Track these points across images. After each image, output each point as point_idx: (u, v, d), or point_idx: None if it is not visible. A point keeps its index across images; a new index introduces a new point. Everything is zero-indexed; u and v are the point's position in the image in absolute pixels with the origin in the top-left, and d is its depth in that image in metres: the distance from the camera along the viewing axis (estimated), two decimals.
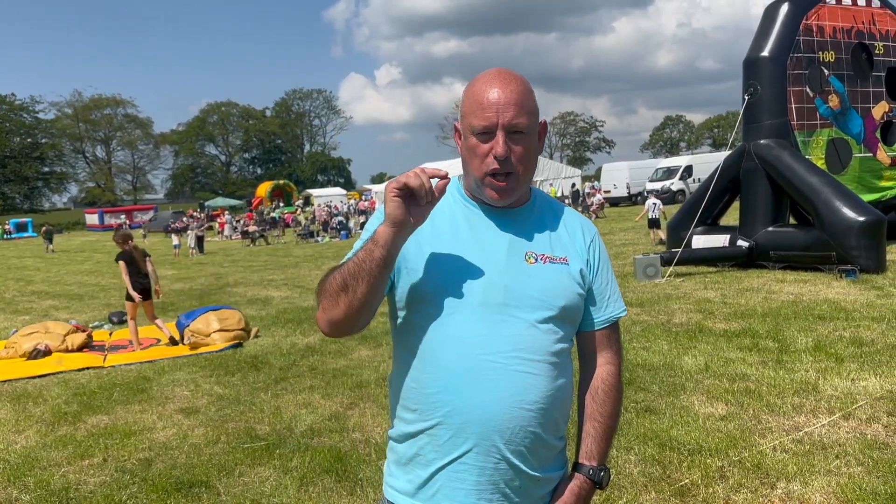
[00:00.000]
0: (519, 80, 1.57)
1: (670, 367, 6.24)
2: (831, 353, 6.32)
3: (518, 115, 1.53)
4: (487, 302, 1.55)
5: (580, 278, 1.65)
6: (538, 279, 1.59)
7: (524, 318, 1.56)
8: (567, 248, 1.67)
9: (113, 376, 7.54)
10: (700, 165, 36.77)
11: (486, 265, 1.58)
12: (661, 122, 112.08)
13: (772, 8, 12.09)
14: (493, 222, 1.64)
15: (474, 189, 1.63)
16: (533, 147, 1.59)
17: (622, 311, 1.76)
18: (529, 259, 1.61)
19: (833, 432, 4.54)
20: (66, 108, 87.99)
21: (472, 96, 1.57)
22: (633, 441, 4.58)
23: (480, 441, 1.52)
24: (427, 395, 1.56)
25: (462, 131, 1.62)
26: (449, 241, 1.60)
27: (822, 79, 11.98)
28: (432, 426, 1.56)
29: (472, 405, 1.52)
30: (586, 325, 1.71)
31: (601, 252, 1.74)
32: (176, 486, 4.42)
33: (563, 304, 1.60)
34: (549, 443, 1.61)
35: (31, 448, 5.39)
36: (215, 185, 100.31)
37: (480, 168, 1.56)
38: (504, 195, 1.58)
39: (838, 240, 10.44)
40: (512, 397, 1.53)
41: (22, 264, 27.01)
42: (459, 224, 1.63)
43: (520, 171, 1.57)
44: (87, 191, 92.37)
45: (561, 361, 1.61)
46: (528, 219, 1.67)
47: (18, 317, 12.74)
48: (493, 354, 1.53)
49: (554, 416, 1.60)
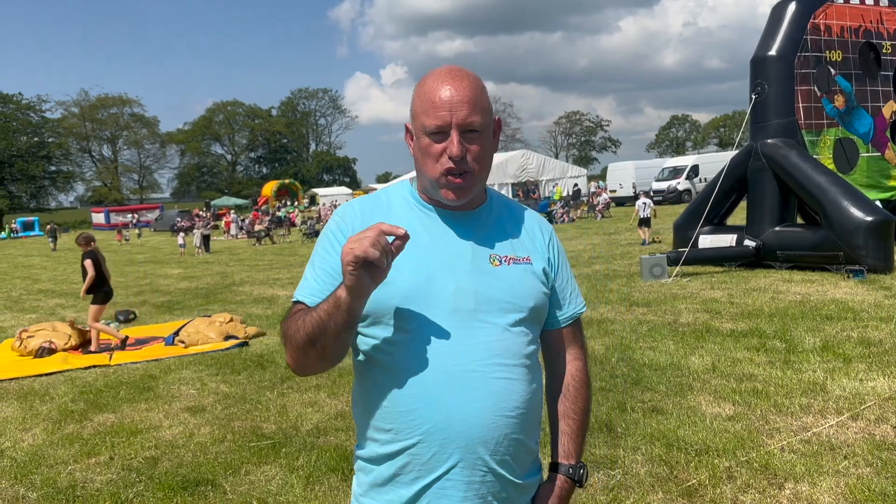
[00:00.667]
0: (471, 78, 1.52)
1: (677, 367, 6.22)
2: (839, 354, 6.29)
3: (472, 113, 1.48)
4: (458, 309, 1.49)
5: (544, 277, 1.63)
6: (505, 281, 1.55)
7: (497, 323, 1.52)
8: (528, 247, 1.64)
9: (119, 375, 7.55)
10: (706, 165, 36.66)
11: (453, 271, 1.52)
12: (668, 122, 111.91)
13: (779, 7, 12.05)
14: (452, 226, 1.58)
15: (429, 191, 1.57)
16: (488, 145, 1.55)
17: (583, 306, 1.76)
18: (494, 261, 1.57)
19: (841, 433, 4.52)
20: (73, 108, 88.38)
21: (424, 95, 1.51)
22: (640, 441, 4.57)
23: (466, 455, 1.47)
24: (404, 413, 1.48)
25: (414, 132, 1.56)
26: (410, 249, 1.49)
27: (829, 78, 11.93)
28: (413, 444, 1.48)
29: (454, 418, 1.46)
30: (551, 324, 1.69)
31: (559, 250, 1.73)
32: (182, 484, 4.42)
33: (532, 305, 1.57)
34: (529, 448, 1.58)
35: (37, 446, 5.40)
36: (221, 184, 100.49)
37: (435, 169, 1.50)
38: (461, 194, 1.52)
39: (846, 239, 10.40)
40: (494, 405, 1.48)
41: (29, 263, 27.10)
42: (418, 231, 1.56)
43: (475, 171, 1.52)
44: (94, 190, 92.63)
45: (533, 364, 1.58)
46: (487, 220, 1.63)
47: (25, 315, 12.78)
48: (471, 363, 1.47)
49: (532, 420, 1.58)
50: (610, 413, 5.13)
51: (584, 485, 1.68)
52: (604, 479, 4.07)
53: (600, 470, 4.20)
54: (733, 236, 12.23)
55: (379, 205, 1.64)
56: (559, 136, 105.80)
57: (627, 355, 6.75)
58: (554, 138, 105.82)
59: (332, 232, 1.61)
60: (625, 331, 7.83)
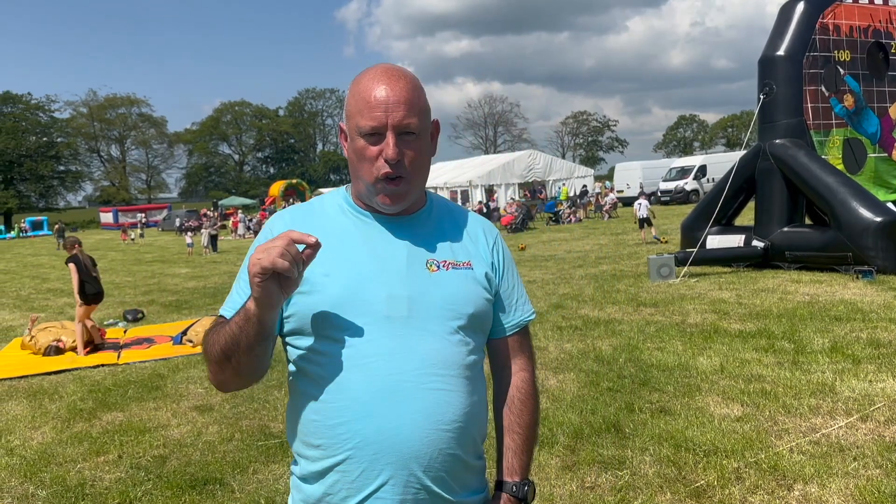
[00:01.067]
0: (408, 78, 1.46)
1: (685, 368, 6.21)
2: (848, 355, 6.27)
3: (409, 114, 1.41)
4: (391, 316, 1.42)
5: (486, 282, 1.55)
6: (442, 287, 1.48)
7: (432, 331, 1.44)
8: (470, 252, 1.57)
9: (127, 373, 7.58)
10: (714, 165, 36.54)
11: (386, 277, 1.45)
12: (675, 122, 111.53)
13: (788, 6, 12.00)
14: (388, 231, 1.52)
15: (364, 196, 1.51)
16: (426, 149, 1.49)
17: (531, 314, 1.68)
18: (431, 267, 1.50)
19: (851, 434, 4.50)
20: (82, 108, 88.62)
21: (359, 94, 1.44)
22: (649, 442, 4.56)
23: (397, 472, 1.39)
24: (332, 427, 1.41)
25: (348, 133, 1.49)
26: (342, 257, 1.47)
27: (837, 78, 11.88)
28: (341, 461, 1.40)
29: (385, 432, 1.38)
30: (496, 332, 1.62)
31: (505, 254, 1.65)
32: (190, 483, 4.44)
33: (472, 312, 1.50)
34: (469, 464, 1.50)
35: (47, 444, 5.43)
36: (229, 184, 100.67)
37: (371, 172, 1.44)
38: (397, 200, 1.46)
39: (855, 240, 10.36)
40: (427, 418, 1.40)
41: (38, 262, 27.21)
42: (351, 237, 1.50)
43: (412, 175, 1.46)
44: (102, 189, 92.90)
45: (474, 375, 1.51)
46: (426, 224, 1.56)
47: (34, 314, 12.82)
48: (404, 373, 1.40)
49: (472, 435, 1.49)
50: (618, 413, 5.12)
51: (530, 502, 1.59)
52: (612, 480, 4.07)
53: (608, 470, 4.19)
54: (741, 237, 12.19)
55: (312, 213, 1.58)
56: (566, 137, 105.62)
57: (635, 356, 6.74)
58: (561, 138, 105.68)
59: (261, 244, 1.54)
60: (632, 331, 7.82)
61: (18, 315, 12.85)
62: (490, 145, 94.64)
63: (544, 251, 18.15)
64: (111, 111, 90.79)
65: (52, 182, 79.23)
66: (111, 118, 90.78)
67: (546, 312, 9.30)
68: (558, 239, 21.87)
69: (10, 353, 9.09)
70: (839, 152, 11.87)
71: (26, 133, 74.92)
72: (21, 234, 55.47)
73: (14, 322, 12.00)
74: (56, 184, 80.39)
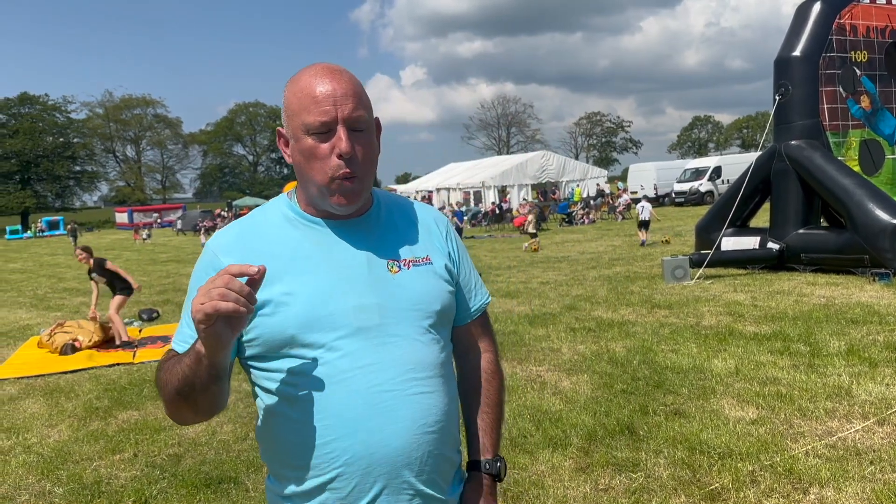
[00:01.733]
0: (349, 74, 1.41)
1: (700, 370, 6.18)
2: (865, 358, 6.22)
3: (357, 107, 1.36)
4: (363, 327, 1.38)
5: (447, 274, 1.53)
6: (408, 288, 1.45)
7: (405, 335, 1.41)
8: (427, 245, 1.54)
9: (143, 372, 7.63)
10: (729, 167, 36.33)
11: (350, 287, 1.40)
12: (690, 123, 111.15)
13: (804, 7, 11.92)
14: (342, 237, 1.45)
15: (316, 200, 1.43)
16: (374, 147, 1.44)
17: (487, 297, 1.68)
18: (392, 268, 1.45)
19: (867, 438, 4.47)
20: (98, 108, 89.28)
21: (302, 91, 1.36)
22: (663, 444, 4.54)
23: (390, 481, 1.37)
24: (318, 448, 1.36)
25: (292, 134, 1.40)
26: (300, 271, 1.39)
27: (854, 79, 11.78)
28: (331, 479, 1.36)
29: (374, 445, 1.35)
30: (459, 321, 1.60)
31: (457, 241, 1.63)
32: (205, 481, 4.46)
33: (439, 308, 1.48)
34: (452, 459, 1.51)
35: (63, 442, 5.47)
36: (243, 184, 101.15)
37: (324, 172, 1.36)
38: (353, 199, 1.40)
39: (871, 242, 10.27)
40: (414, 423, 1.38)
41: (54, 262, 27.44)
42: (305, 248, 1.43)
43: (364, 173, 1.40)
44: (118, 190, 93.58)
45: (448, 371, 1.50)
46: (378, 224, 1.51)
47: (51, 313, 12.94)
48: (384, 383, 1.36)
49: (453, 431, 1.50)
50: (632, 416, 5.11)
51: (503, 477, 1.60)
52: (626, 482, 4.05)
53: (622, 473, 4.18)
54: (756, 238, 12.12)
55: (256, 227, 1.49)
56: (579, 137, 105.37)
57: (649, 358, 6.71)
58: (574, 139, 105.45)
59: (204, 269, 1.44)
60: (646, 333, 7.79)
61: (35, 314, 12.96)
62: (503, 146, 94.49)
63: (557, 252, 18.12)
64: (127, 112, 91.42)
65: (68, 182, 79.90)
66: (127, 119, 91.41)
67: (559, 314, 9.28)
68: (571, 240, 21.82)
69: (27, 352, 9.18)
70: (855, 153, 11.78)
71: (43, 133, 75.55)
72: (38, 233, 55.96)
73: (31, 321, 12.10)
74: (72, 184, 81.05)
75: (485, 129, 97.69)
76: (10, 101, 74.93)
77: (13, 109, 75.15)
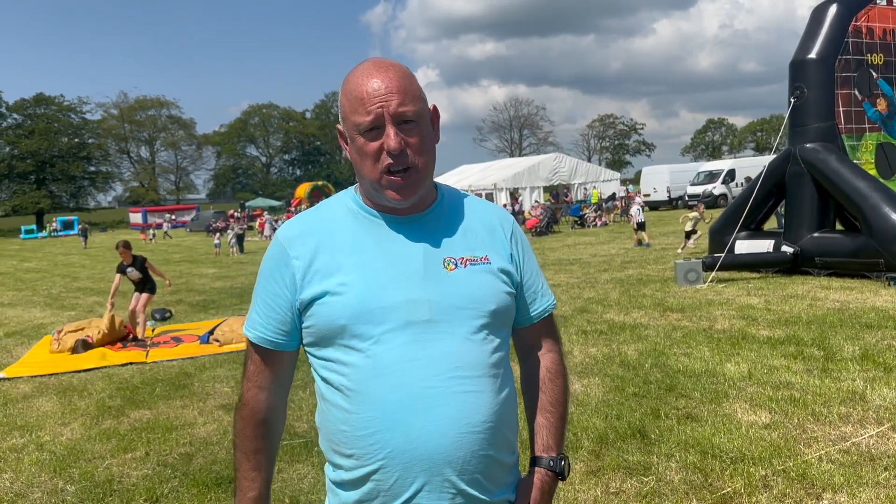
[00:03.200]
0: (398, 66, 1.42)
1: (712, 374, 6.14)
2: (879, 363, 6.16)
3: (404, 101, 1.38)
4: (413, 321, 1.39)
5: (506, 276, 1.52)
6: (462, 286, 1.44)
7: (456, 333, 1.41)
8: (487, 245, 1.53)
9: (155, 372, 7.67)
10: (743, 169, 36.13)
11: (404, 281, 1.42)
12: (703, 125, 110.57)
13: (820, 9, 11.84)
14: (400, 232, 1.47)
15: (373, 195, 1.47)
16: (428, 135, 1.45)
17: (552, 302, 1.65)
18: (448, 266, 1.46)
19: (882, 443, 4.42)
20: (112, 109, 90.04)
21: (351, 92, 1.40)
22: (675, 448, 4.51)
23: (431, 478, 1.37)
24: (362, 438, 1.39)
25: (347, 133, 1.45)
26: (356, 263, 1.43)
27: (870, 82, 11.69)
28: (375, 470, 1.39)
29: (416, 440, 1.36)
30: (521, 323, 1.60)
31: (523, 243, 1.62)
32: (216, 480, 4.48)
33: (494, 308, 1.47)
34: (502, 461, 1.47)
35: (76, 440, 5.51)
36: (255, 185, 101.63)
37: (375, 169, 1.40)
38: (406, 193, 1.42)
39: (886, 246, 10.17)
40: (458, 422, 1.38)
41: (68, 261, 27.65)
42: (363, 240, 1.46)
43: (419, 164, 1.42)
44: (132, 190, 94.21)
45: (502, 371, 1.48)
46: (439, 220, 1.52)
47: (65, 312, 13.04)
48: (430, 379, 1.37)
49: (504, 433, 1.47)
50: (643, 419, 5.08)
51: (566, 476, 1.57)
52: (637, 486, 4.03)
53: (633, 476, 4.16)
54: (770, 242, 12.03)
55: (320, 220, 1.53)
56: (592, 140, 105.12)
57: (661, 361, 6.68)
58: (587, 141, 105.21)
59: (273, 259, 1.51)
60: (659, 336, 7.75)
61: (49, 313, 13.06)
62: (515, 148, 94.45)
63: (569, 255, 18.07)
64: (141, 113, 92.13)
65: (82, 182, 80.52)
66: (141, 120, 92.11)
67: (571, 316, 9.25)
68: (583, 243, 21.77)
69: (40, 351, 9.24)
70: (871, 156, 11.68)
71: (58, 134, 76.20)
72: (52, 233, 56.40)
73: (45, 320, 12.20)
74: (87, 184, 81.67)
75: (497, 131, 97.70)
76: (25, 102, 75.61)
77: (29, 110, 75.84)
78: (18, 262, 28.64)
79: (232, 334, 8.81)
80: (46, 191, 75.22)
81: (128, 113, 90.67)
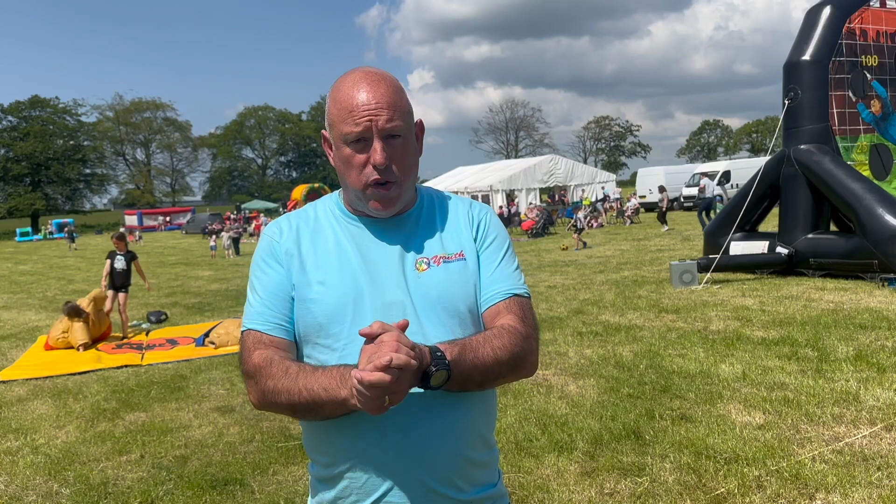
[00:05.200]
0: (389, 80, 1.44)
1: (707, 375, 6.16)
2: (873, 363, 6.18)
3: (393, 117, 1.40)
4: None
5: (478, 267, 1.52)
6: (434, 287, 1.46)
7: (430, 334, 1.41)
8: (461, 239, 1.54)
9: (150, 374, 7.66)
10: (738, 171, 36.21)
11: (381, 283, 1.44)
12: (699, 127, 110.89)
13: (814, 11, 11.87)
14: (379, 236, 1.50)
15: (355, 202, 1.50)
16: (412, 150, 1.47)
17: (516, 288, 1.53)
18: (420, 266, 1.47)
19: (875, 443, 4.44)
20: (108, 111, 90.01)
21: (341, 102, 1.42)
22: (669, 449, 4.53)
23: (402, 477, 1.39)
24: (337, 438, 1.42)
25: (333, 141, 1.47)
26: (335, 265, 1.46)
27: (864, 83, 11.73)
28: (348, 468, 1.41)
29: (389, 441, 1.38)
30: (484, 304, 1.51)
31: (490, 227, 1.57)
32: (211, 483, 4.48)
33: (468, 306, 1.48)
34: (477, 461, 1.47)
35: (71, 443, 5.50)
36: (251, 187, 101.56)
37: (359, 180, 1.43)
38: (389, 205, 1.45)
39: (880, 247, 10.20)
40: (431, 424, 1.39)
41: (63, 264, 27.58)
42: (344, 244, 1.49)
43: (402, 179, 1.45)
44: (127, 192, 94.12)
45: None
46: (417, 222, 1.54)
47: (60, 315, 12.99)
48: None
49: (480, 432, 1.48)
50: (638, 420, 5.09)
51: (430, 379, 1.31)
52: (631, 487, 4.04)
53: (628, 477, 4.17)
54: (765, 243, 12.06)
55: (307, 220, 1.56)
56: (588, 141, 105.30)
57: (656, 362, 6.69)
58: (583, 143, 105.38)
59: (264, 254, 1.53)
60: (653, 337, 7.77)
61: (44, 316, 13.03)
62: (511, 150, 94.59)
63: (565, 256, 18.09)
64: (137, 115, 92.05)
65: (78, 185, 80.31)
66: (137, 122, 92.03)
67: (566, 318, 9.27)
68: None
69: (36, 353, 9.23)
70: (866, 158, 11.72)
71: (54, 136, 75.99)
72: (47, 235, 56.29)
73: (40, 322, 12.18)
74: (82, 186, 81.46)
75: (493, 133, 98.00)
76: (21, 104, 75.38)
77: (24, 112, 75.60)
78: (13, 265, 28.56)
79: (227, 337, 8.81)
80: (42, 193, 75.01)
81: (123, 115, 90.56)
